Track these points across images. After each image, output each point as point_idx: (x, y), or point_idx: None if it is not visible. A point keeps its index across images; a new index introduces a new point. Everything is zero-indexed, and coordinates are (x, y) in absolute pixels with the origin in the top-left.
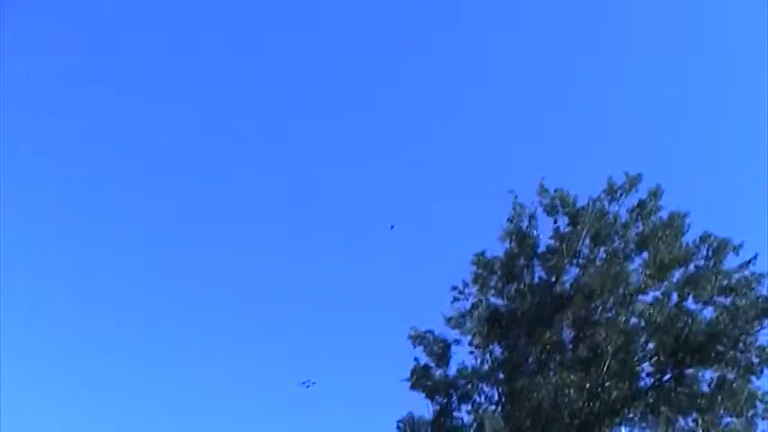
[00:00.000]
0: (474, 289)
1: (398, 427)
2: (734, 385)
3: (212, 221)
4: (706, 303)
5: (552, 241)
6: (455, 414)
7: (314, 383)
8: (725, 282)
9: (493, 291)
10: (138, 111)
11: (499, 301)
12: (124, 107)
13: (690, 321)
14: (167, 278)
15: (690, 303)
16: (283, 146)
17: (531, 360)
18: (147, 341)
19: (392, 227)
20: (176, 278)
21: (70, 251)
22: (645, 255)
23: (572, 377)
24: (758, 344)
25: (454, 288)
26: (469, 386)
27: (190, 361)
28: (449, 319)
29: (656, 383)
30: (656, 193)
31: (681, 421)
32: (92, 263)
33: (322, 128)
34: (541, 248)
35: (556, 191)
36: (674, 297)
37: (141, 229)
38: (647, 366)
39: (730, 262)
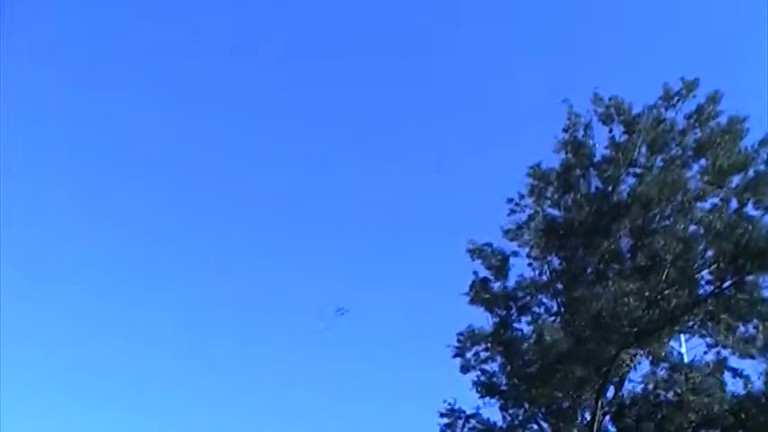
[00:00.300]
0: (530, 201)
1: (459, 340)
2: None
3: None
4: (766, 209)
5: (608, 150)
6: (514, 326)
7: (347, 311)
8: None
9: (549, 202)
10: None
11: (556, 212)
12: None
13: (750, 227)
14: None
15: (750, 209)
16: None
17: (589, 270)
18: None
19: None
20: None
21: None
22: (703, 161)
23: (631, 286)
24: None
25: (510, 200)
26: (528, 297)
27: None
28: (506, 232)
29: (716, 291)
30: (714, 98)
31: (741, 328)
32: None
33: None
34: (597, 158)
35: (611, 99)
36: (734, 203)
37: None
38: (706, 274)
39: None
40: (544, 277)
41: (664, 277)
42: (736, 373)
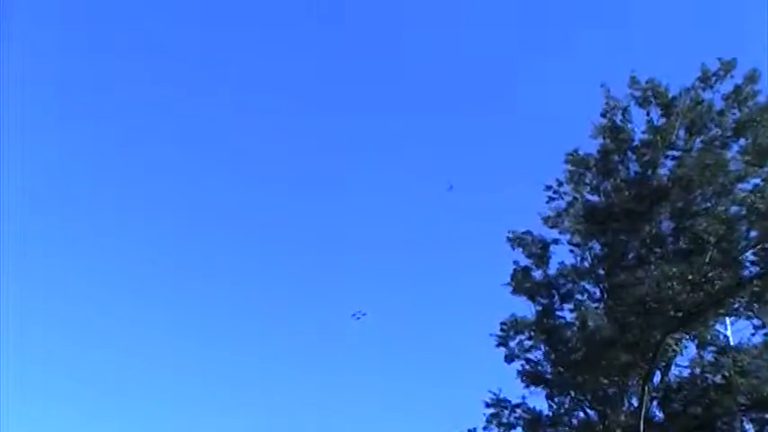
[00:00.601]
0: (569, 187)
1: (502, 330)
2: None
3: None
4: None
5: (646, 134)
6: (557, 313)
7: (365, 315)
8: None
9: (588, 188)
10: None
11: (595, 198)
12: None
13: None
14: None
15: None
16: None
17: (631, 255)
18: None
19: (451, 187)
20: None
21: None
22: (743, 141)
23: (674, 269)
24: None
25: (548, 188)
26: (570, 285)
27: None
28: (546, 219)
29: (761, 272)
30: (752, 78)
31: None
32: None
33: None
34: (635, 142)
35: (647, 82)
36: None
37: None
38: (750, 255)
39: None
40: (586, 263)
41: (707, 260)
42: None
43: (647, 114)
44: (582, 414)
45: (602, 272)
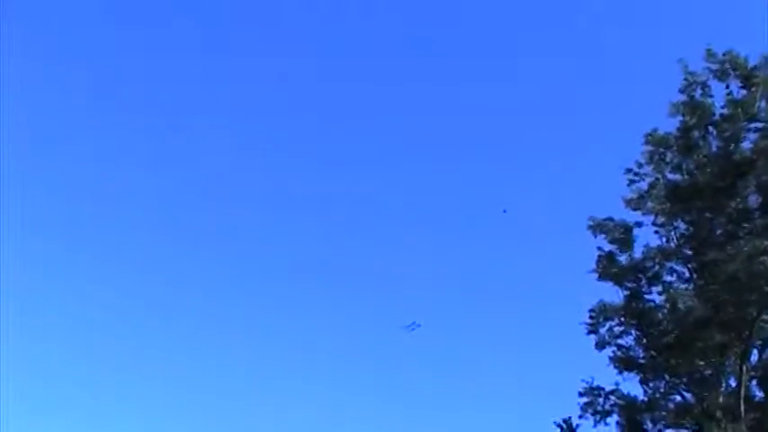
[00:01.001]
0: (649, 168)
1: (591, 317)
2: None
3: None
4: None
5: (726, 108)
6: (646, 297)
7: (419, 326)
8: None
9: (670, 167)
10: None
11: (677, 176)
12: None
13: None
14: None
15: None
16: None
17: (718, 232)
18: None
19: (505, 211)
20: None
21: None
22: None
23: (765, 243)
24: None
25: (628, 170)
26: (657, 267)
27: None
28: (627, 202)
29: None
30: None
31: None
32: None
33: None
34: (716, 117)
35: (725, 54)
36: None
37: None
38: None
39: None
40: (672, 244)
41: None
42: None
43: (727, 87)
44: (678, 397)
45: (689, 251)
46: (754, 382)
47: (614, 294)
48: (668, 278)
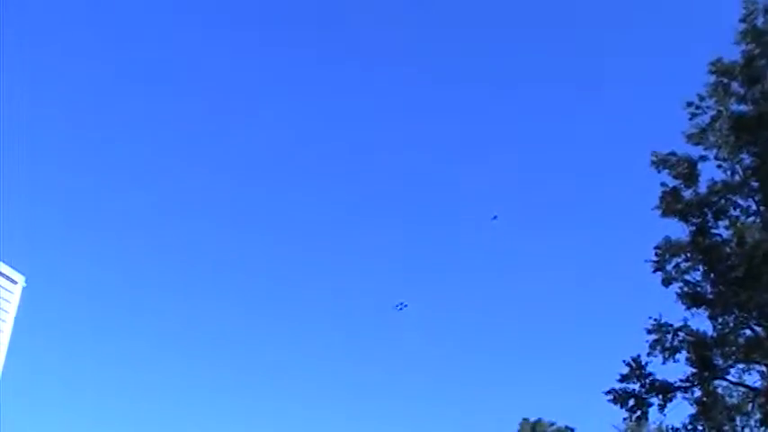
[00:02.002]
0: (712, 101)
1: (656, 254)
2: None
3: None
4: None
5: None
6: (712, 231)
7: (406, 306)
8: None
9: (734, 98)
10: None
11: (742, 107)
12: None
13: None
14: None
15: None
16: None
17: None
18: None
19: (495, 217)
20: None
21: None
22: None
23: None
24: None
25: (690, 104)
26: (723, 201)
27: None
28: (689, 136)
29: None
30: None
31: None
32: None
33: None
34: None
35: None
36: None
37: None
38: None
39: None
40: (737, 177)
41: None
42: None
43: None
44: (749, 332)
45: (755, 184)
46: None
47: (678, 231)
48: (734, 212)
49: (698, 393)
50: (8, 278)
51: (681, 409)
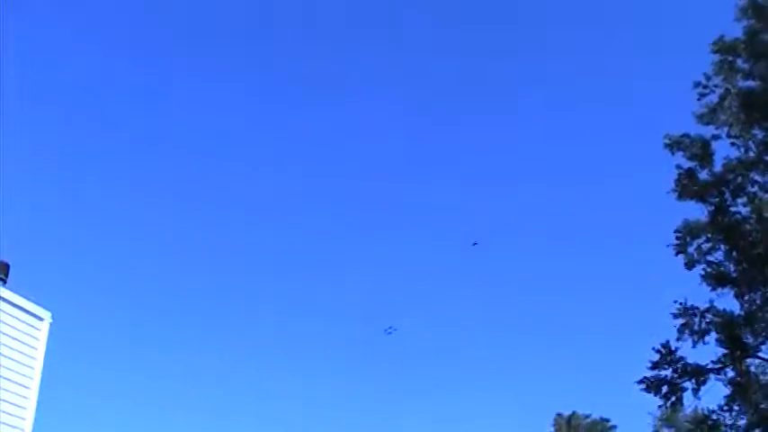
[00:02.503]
0: (718, 79)
1: (677, 237)
2: None
3: None
4: None
5: None
6: (731, 209)
7: (395, 330)
8: None
9: (740, 74)
10: None
11: (750, 83)
12: None
13: None
14: None
15: None
16: None
17: None
18: None
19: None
20: None
21: None
22: None
23: None
24: None
25: (697, 84)
26: (740, 178)
27: None
28: (700, 117)
29: None
30: None
31: None
32: None
33: None
34: None
35: None
36: None
37: None
38: None
39: None
40: (751, 154)
41: None
42: None
43: None
44: None
45: None
46: None
47: (696, 212)
48: (751, 189)
49: (731, 374)
50: (34, 315)
51: (715, 392)
